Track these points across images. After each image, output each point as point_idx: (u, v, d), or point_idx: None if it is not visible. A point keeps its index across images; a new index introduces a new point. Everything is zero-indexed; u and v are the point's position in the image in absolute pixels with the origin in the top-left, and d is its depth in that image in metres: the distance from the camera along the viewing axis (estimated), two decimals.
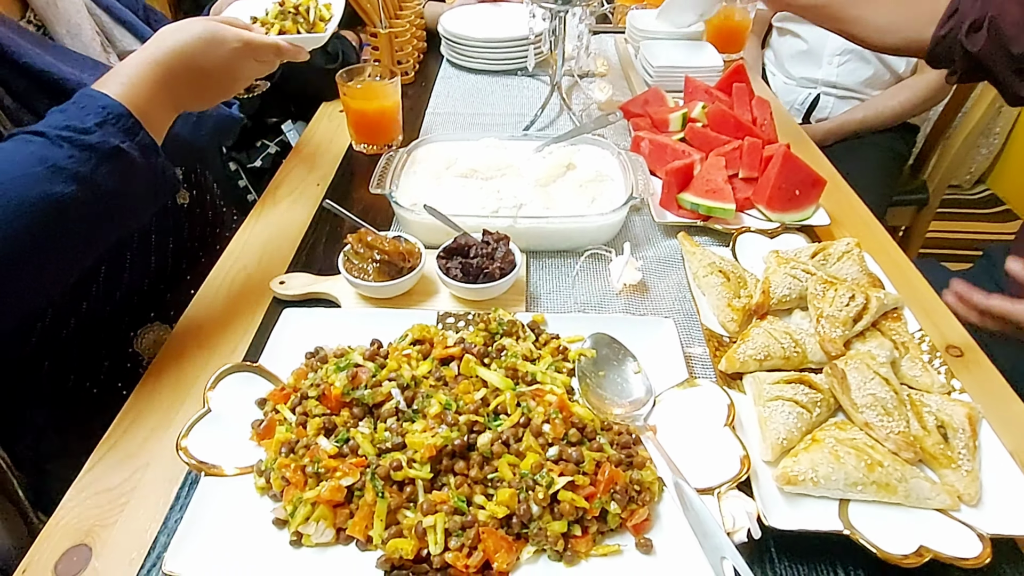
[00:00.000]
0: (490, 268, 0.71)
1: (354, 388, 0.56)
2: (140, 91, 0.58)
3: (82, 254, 0.59)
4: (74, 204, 0.53)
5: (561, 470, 0.50)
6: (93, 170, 0.54)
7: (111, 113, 0.56)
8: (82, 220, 0.55)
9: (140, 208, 0.62)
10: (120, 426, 0.61)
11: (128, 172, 0.57)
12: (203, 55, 0.62)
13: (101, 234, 0.59)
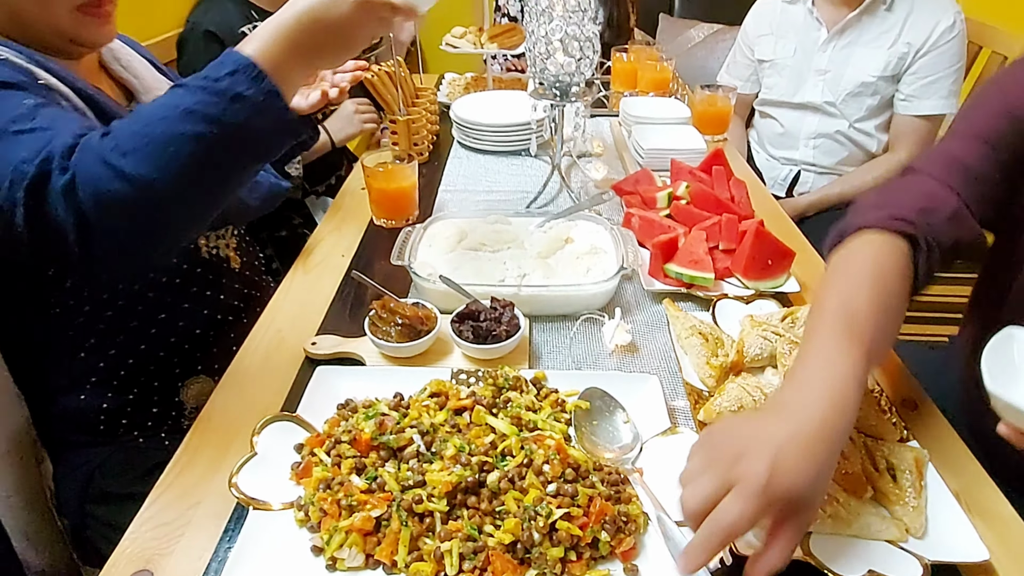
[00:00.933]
0: (497, 331, 0.81)
1: (381, 434, 0.65)
2: (268, 47, 0.65)
3: (220, 188, 0.68)
4: (206, 142, 0.62)
5: (559, 503, 0.58)
6: (221, 112, 0.62)
7: (240, 65, 0.64)
8: (215, 156, 0.63)
9: (264, 147, 0.69)
10: (174, 469, 0.69)
11: (253, 115, 0.64)
12: (326, 12, 0.68)
13: (234, 169, 0.68)
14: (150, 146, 0.60)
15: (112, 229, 0.61)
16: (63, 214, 0.59)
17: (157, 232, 0.65)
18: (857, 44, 1.59)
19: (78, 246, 0.60)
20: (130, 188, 0.59)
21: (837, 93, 1.62)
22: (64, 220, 0.59)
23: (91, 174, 0.59)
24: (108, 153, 0.60)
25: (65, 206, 0.59)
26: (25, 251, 0.63)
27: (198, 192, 0.65)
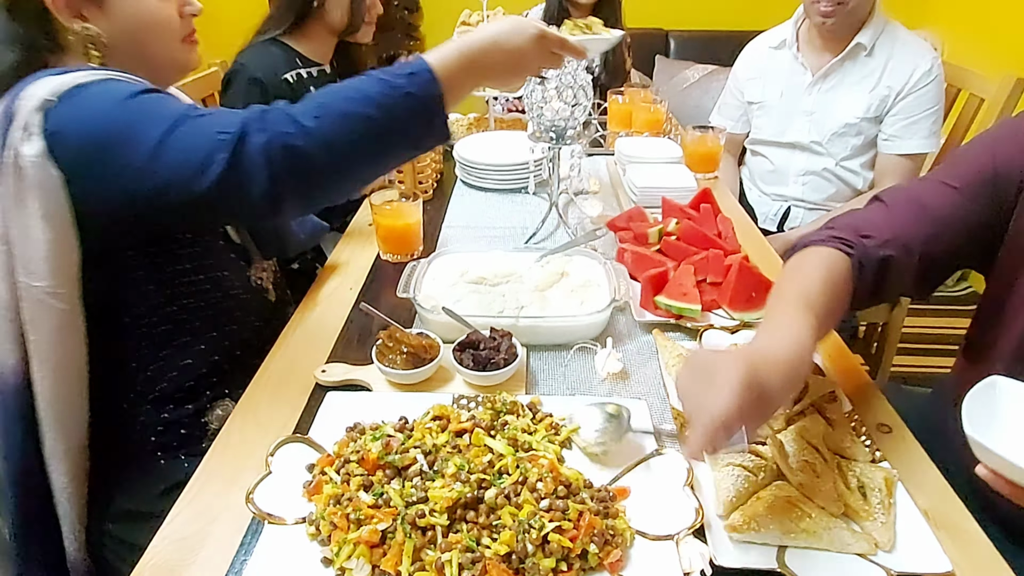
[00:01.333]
0: (496, 359, 0.86)
1: (387, 454, 0.70)
2: (447, 59, 0.78)
3: (372, 165, 0.81)
4: (375, 124, 0.75)
5: (551, 517, 0.63)
6: (392, 104, 0.75)
7: (419, 69, 0.76)
8: (377, 138, 0.76)
9: (415, 143, 0.82)
10: (194, 487, 0.74)
11: (416, 113, 0.76)
12: (507, 39, 0.81)
13: (387, 154, 0.81)
14: (332, 115, 0.74)
15: (291, 177, 0.74)
16: (259, 165, 0.72)
17: (320, 186, 0.78)
18: (840, 87, 1.67)
19: (262, 192, 0.73)
20: (312, 144, 0.73)
21: (823, 133, 1.70)
22: (258, 170, 0.73)
23: (283, 132, 0.73)
24: (299, 115, 0.74)
25: (262, 158, 0.72)
26: (204, 209, 0.77)
27: (356, 163, 0.79)
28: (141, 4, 0.86)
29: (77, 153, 0.74)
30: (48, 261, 0.77)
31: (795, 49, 1.73)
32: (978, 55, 2.88)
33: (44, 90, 0.75)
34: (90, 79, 0.77)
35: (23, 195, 0.75)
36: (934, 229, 0.82)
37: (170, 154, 0.73)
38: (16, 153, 0.74)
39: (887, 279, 0.81)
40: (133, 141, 0.74)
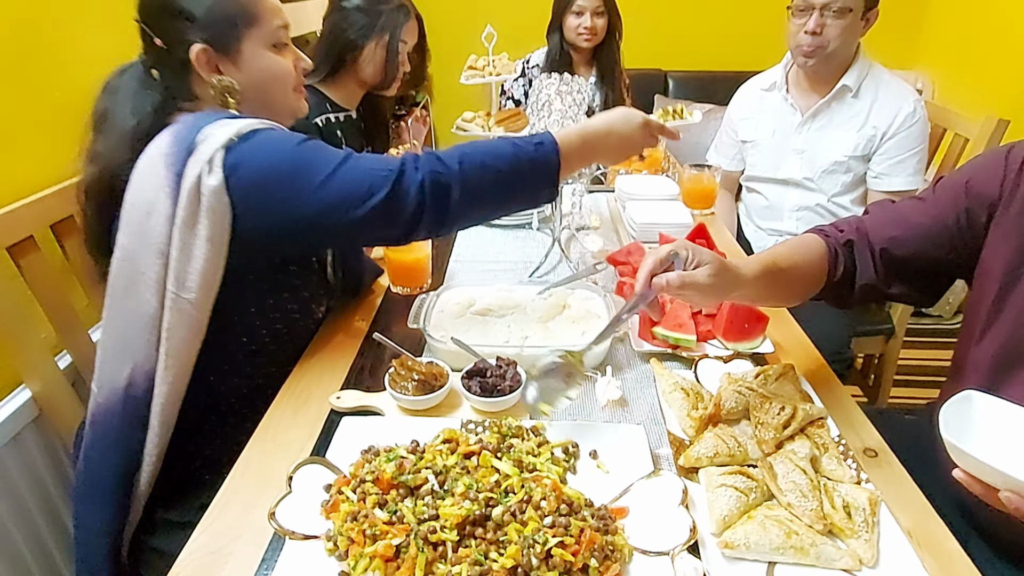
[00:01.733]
0: (502, 386, 0.92)
1: (400, 474, 0.74)
2: (569, 137, 0.98)
3: (496, 209, 1.02)
4: (503, 176, 0.94)
5: (554, 533, 0.67)
6: (520, 165, 0.94)
7: (546, 140, 0.97)
8: (503, 187, 0.95)
9: (531, 197, 1.01)
10: (218, 504, 0.79)
11: (536, 170, 0.96)
12: (620, 126, 1.03)
13: (507, 200, 0.99)
14: (473, 163, 0.93)
15: (434, 207, 0.92)
16: (413, 194, 0.90)
17: (450, 219, 0.95)
18: (829, 127, 1.75)
19: (408, 218, 0.91)
20: (455, 182, 0.92)
21: (814, 170, 1.77)
22: (412, 199, 0.90)
23: (436, 170, 0.91)
24: (447, 159, 0.93)
25: (417, 189, 0.90)
26: (356, 230, 0.93)
27: (482, 205, 0.98)
28: (267, 59, 1.02)
29: (250, 185, 0.89)
30: (202, 276, 0.90)
31: (784, 91, 1.82)
32: (965, 95, 2.98)
33: (227, 132, 0.89)
34: (260, 126, 0.93)
35: (195, 218, 0.88)
36: (899, 232, 0.95)
37: (338, 185, 0.89)
38: (197, 182, 0.87)
39: (852, 263, 0.96)
40: (305, 175, 0.89)
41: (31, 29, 1.22)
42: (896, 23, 3.20)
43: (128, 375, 0.93)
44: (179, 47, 0.95)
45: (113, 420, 0.93)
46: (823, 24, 1.61)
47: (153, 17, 0.97)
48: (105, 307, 0.94)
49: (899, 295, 1.01)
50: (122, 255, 0.91)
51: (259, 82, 1.01)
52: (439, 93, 3.78)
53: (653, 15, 3.31)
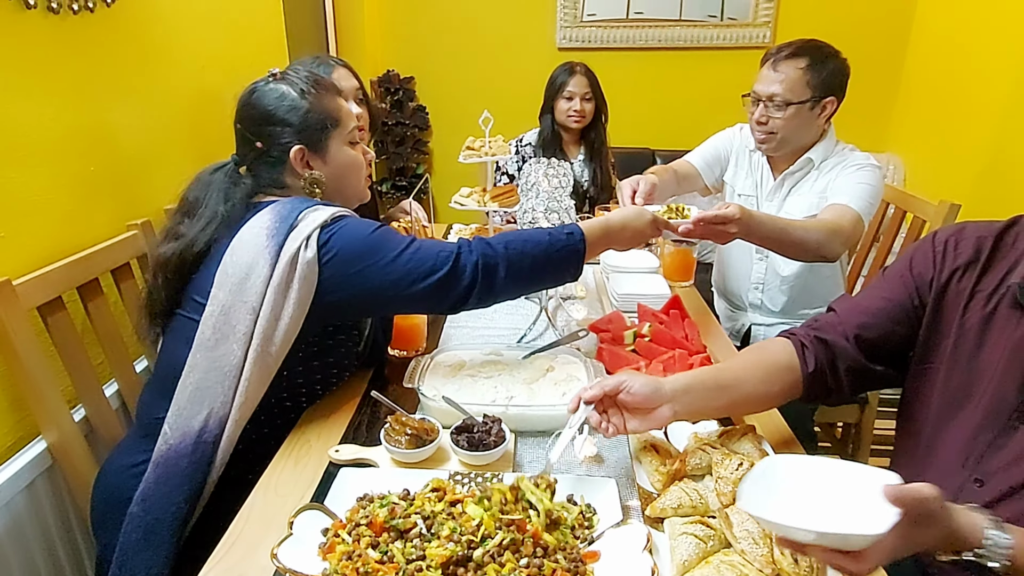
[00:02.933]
0: (487, 441, 1.00)
1: (391, 518, 0.82)
2: (592, 229, 1.20)
3: (531, 285, 1.19)
4: (539, 259, 1.14)
5: (528, 573, 0.75)
6: (553, 250, 1.15)
7: (575, 231, 1.18)
8: (539, 268, 1.15)
9: (559, 277, 1.21)
10: (223, 547, 0.86)
11: (566, 256, 1.16)
12: (632, 222, 1.26)
13: (540, 280, 1.20)
14: (516, 247, 1.13)
15: (483, 283, 1.10)
16: (468, 272, 1.09)
17: (493, 294, 1.13)
18: (795, 194, 1.82)
19: (460, 293, 1.10)
20: (502, 263, 1.11)
21: None
22: (467, 276, 1.09)
23: (487, 252, 1.11)
24: (495, 244, 1.12)
25: (472, 267, 1.09)
26: (415, 301, 1.11)
27: (521, 282, 1.15)
28: (347, 154, 1.23)
29: (336, 260, 1.06)
30: (285, 333, 1.06)
31: (764, 157, 1.90)
32: (932, 177, 3.18)
33: (323, 216, 1.08)
34: (346, 213, 1.13)
35: (289, 284, 1.04)
36: (866, 318, 1.04)
37: (405, 262, 1.07)
38: (296, 253, 1.04)
39: (829, 354, 1.03)
40: (379, 253, 1.07)
41: (63, 112, 1.36)
42: (869, 109, 3.45)
43: (203, 419, 1.04)
44: (277, 148, 1.15)
45: (182, 462, 1.03)
46: (768, 115, 1.70)
47: (255, 124, 1.16)
48: (190, 356, 1.05)
49: (884, 375, 1.05)
50: (218, 310, 1.05)
51: (340, 174, 1.21)
52: (439, 170, 4.01)
53: (642, 99, 3.56)
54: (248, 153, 1.17)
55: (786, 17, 3.41)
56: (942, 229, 1.04)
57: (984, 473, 0.90)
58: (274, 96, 1.15)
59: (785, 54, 1.69)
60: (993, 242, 0.97)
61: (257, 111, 1.16)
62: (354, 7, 3.33)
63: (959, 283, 0.98)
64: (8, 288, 1.14)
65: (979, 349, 0.94)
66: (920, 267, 1.03)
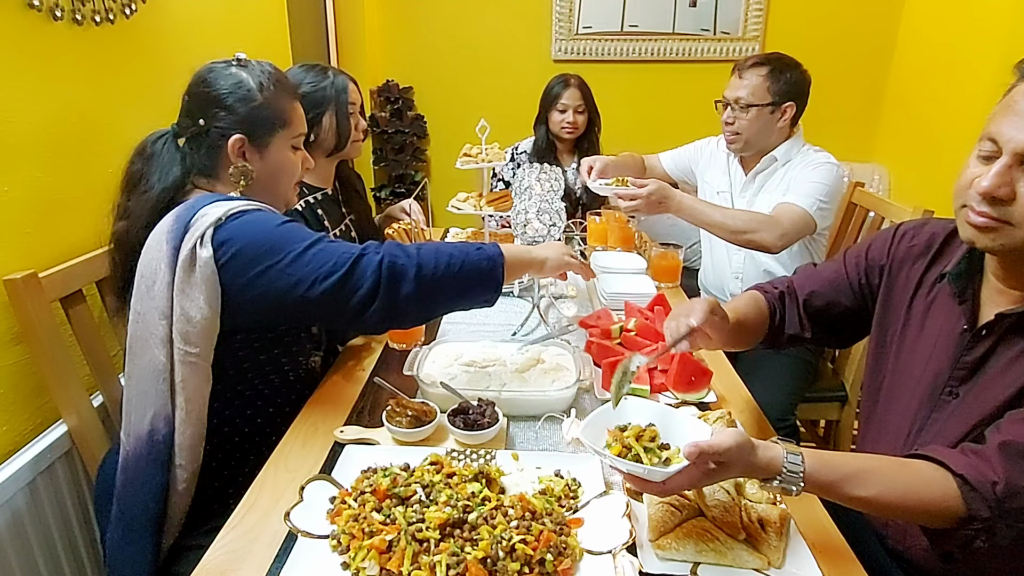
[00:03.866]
0: (482, 422, 1.08)
1: (394, 487, 0.90)
2: (511, 256, 1.17)
3: (445, 299, 1.13)
4: (454, 266, 1.09)
5: (518, 532, 0.83)
6: (468, 260, 1.11)
7: (494, 252, 1.14)
8: (455, 283, 1.10)
9: (474, 292, 1.14)
10: (239, 512, 0.94)
11: (483, 271, 1.12)
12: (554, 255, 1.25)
13: (458, 295, 1.13)
14: (429, 251, 1.09)
15: (387, 289, 1.04)
16: (370, 273, 1.04)
17: (402, 305, 1.06)
18: (762, 191, 1.96)
19: (366, 295, 1.04)
20: (411, 267, 1.06)
21: None
22: (367, 277, 1.04)
23: (394, 253, 1.07)
24: (408, 247, 1.09)
25: (373, 268, 1.04)
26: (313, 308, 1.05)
27: (434, 292, 1.09)
28: (285, 154, 1.22)
29: (233, 258, 1.03)
30: (202, 333, 1.05)
31: (736, 158, 2.07)
32: (915, 185, 3.28)
33: (218, 211, 1.05)
34: (249, 207, 1.09)
35: (191, 285, 1.03)
36: (817, 286, 1.19)
37: (308, 261, 1.03)
38: (192, 254, 1.02)
39: (784, 311, 1.20)
40: (280, 252, 1.03)
41: (85, 116, 1.45)
42: (855, 120, 3.55)
43: (150, 421, 1.05)
44: (217, 131, 1.14)
45: (140, 463, 1.06)
46: (735, 117, 1.89)
47: (204, 102, 1.15)
48: (125, 364, 1.09)
49: (816, 339, 1.21)
50: (135, 318, 1.07)
51: (273, 173, 1.20)
52: (436, 177, 4.09)
53: (634, 109, 3.65)
54: (190, 127, 1.16)
55: (774, 31, 3.52)
56: (907, 222, 1.14)
57: (922, 443, 0.99)
58: (231, 81, 1.15)
59: (750, 63, 1.89)
60: (944, 237, 1.07)
61: (210, 91, 1.15)
62: (355, 19, 3.43)
63: (909, 272, 1.08)
64: (34, 281, 1.21)
65: (921, 332, 1.04)
66: (876, 252, 1.14)
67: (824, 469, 0.85)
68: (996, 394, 0.92)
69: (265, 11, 2.34)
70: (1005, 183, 0.83)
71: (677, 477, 0.83)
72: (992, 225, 0.86)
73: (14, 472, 1.19)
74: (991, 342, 0.94)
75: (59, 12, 1.30)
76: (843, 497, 0.86)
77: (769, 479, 0.84)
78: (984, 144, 0.88)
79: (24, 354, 1.25)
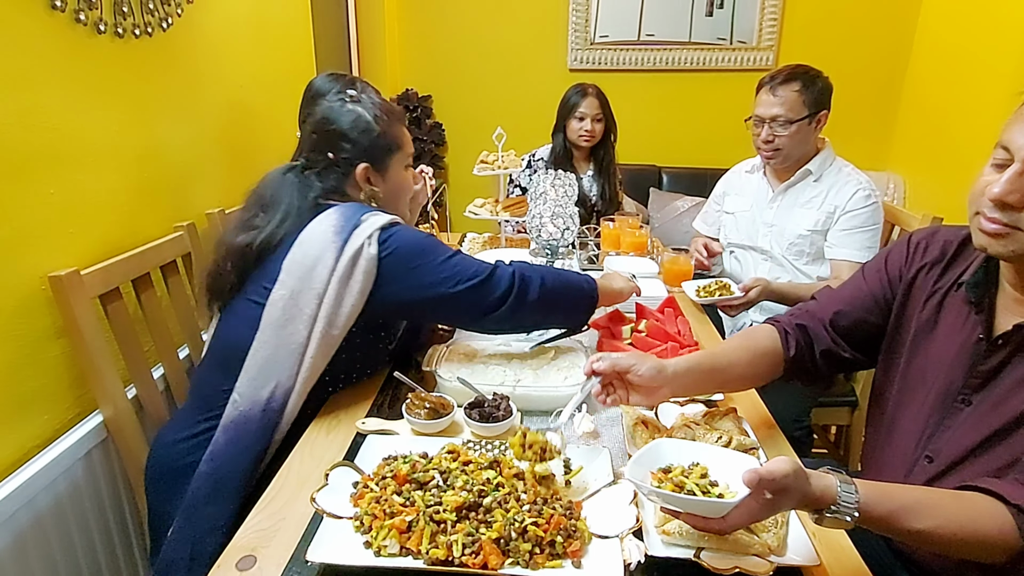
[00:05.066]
0: (496, 415, 1.13)
1: (413, 472, 0.96)
2: (603, 286, 1.44)
3: (557, 312, 1.36)
4: (568, 288, 1.36)
5: (530, 515, 0.88)
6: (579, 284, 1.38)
7: (592, 282, 1.41)
8: (567, 298, 1.35)
9: (573, 313, 1.39)
10: (269, 495, 1.00)
11: (585, 296, 1.37)
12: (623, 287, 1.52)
13: (563, 311, 1.38)
14: (551, 272, 1.33)
15: (519, 293, 1.26)
16: (505, 280, 1.26)
17: (529, 308, 1.28)
18: (795, 205, 2.00)
19: (500, 297, 1.25)
20: (536, 279, 1.28)
21: (782, 244, 2.02)
22: (503, 283, 1.25)
23: (524, 268, 1.29)
24: (535, 266, 1.31)
25: (508, 277, 1.26)
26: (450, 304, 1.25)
27: (549, 306, 1.32)
28: (404, 176, 1.41)
29: (394, 258, 1.22)
30: (347, 318, 1.21)
31: (762, 172, 2.10)
32: (931, 194, 3.29)
33: (383, 219, 1.24)
34: (398, 220, 1.28)
35: (351, 275, 1.20)
36: (841, 306, 1.17)
37: (454, 265, 1.24)
38: (359, 248, 1.20)
39: (807, 339, 1.17)
40: (432, 254, 1.24)
41: (124, 124, 1.53)
42: (870, 129, 3.58)
43: (271, 391, 1.18)
44: (345, 162, 1.31)
45: (250, 427, 1.17)
46: (774, 134, 1.92)
47: (331, 138, 1.30)
48: (259, 333, 1.20)
49: (854, 359, 1.19)
50: (287, 294, 1.19)
51: (395, 192, 1.39)
52: (454, 183, 4.17)
53: (650, 118, 3.71)
54: (319, 160, 1.31)
55: (788, 41, 3.55)
56: (917, 231, 1.16)
57: (933, 451, 1.02)
58: (351, 117, 1.30)
59: (780, 80, 1.92)
60: (958, 245, 1.09)
61: (334, 127, 1.30)
62: (376, 29, 3.52)
63: (924, 280, 1.10)
64: (77, 278, 1.29)
65: (934, 339, 1.06)
66: (894, 264, 1.15)
67: (879, 500, 0.82)
68: (1014, 405, 0.92)
69: (291, 24, 2.43)
70: (1016, 190, 0.86)
71: (737, 510, 0.79)
72: (1004, 232, 0.88)
73: (55, 457, 1.27)
74: (1007, 352, 0.95)
75: (103, 26, 1.39)
76: (898, 531, 0.83)
77: (821, 510, 0.81)
78: (998, 152, 0.90)
79: (66, 347, 1.33)
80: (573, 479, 1.02)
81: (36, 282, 1.26)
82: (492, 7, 3.63)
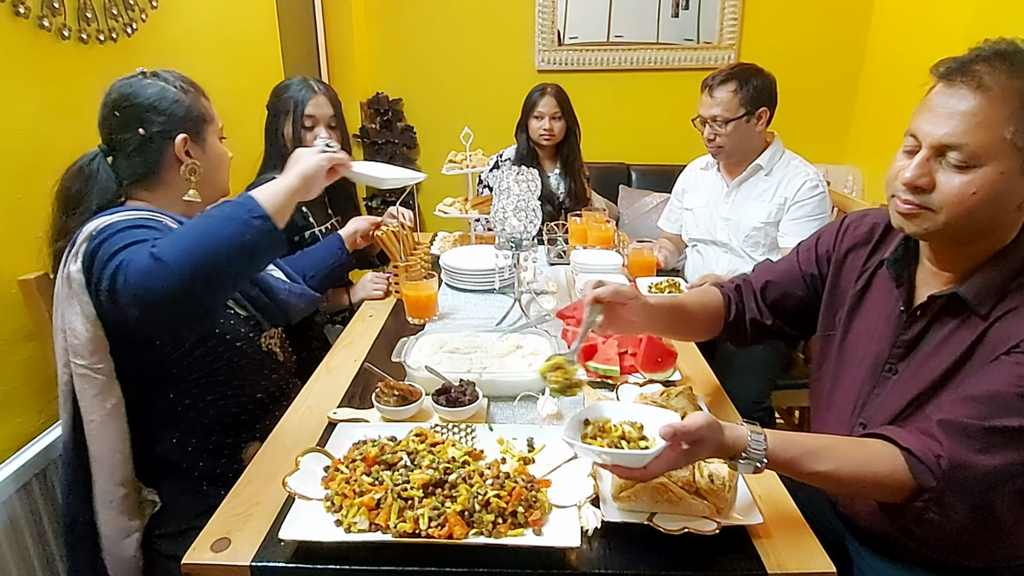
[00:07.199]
0: (463, 400, 1.18)
1: (382, 454, 1.00)
2: (275, 199, 1.03)
3: (220, 282, 1.01)
4: (221, 248, 0.97)
5: (492, 488, 0.93)
6: (236, 233, 0.98)
7: (254, 206, 1.00)
8: (223, 258, 0.97)
9: (255, 259, 1.05)
10: (243, 482, 1.04)
11: (254, 237, 0.99)
12: (310, 170, 1.11)
13: (231, 271, 1.01)
14: (182, 243, 0.97)
15: (148, 297, 0.95)
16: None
17: (172, 301, 0.96)
18: (748, 199, 2.08)
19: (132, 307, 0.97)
20: (163, 269, 0.94)
21: (738, 236, 2.10)
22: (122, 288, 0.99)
23: (137, 258, 0.97)
24: (151, 248, 0.96)
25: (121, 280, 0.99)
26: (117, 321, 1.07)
27: (205, 278, 0.97)
28: (219, 146, 1.30)
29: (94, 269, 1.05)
30: (88, 346, 1.11)
31: (716, 168, 2.18)
32: None
33: (92, 226, 1.09)
34: (124, 218, 1.10)
35: (71, 299, 1.10)
36: (772, 276, 1.27)
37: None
38: (67, 270, 1.10)
39: (742, 301, 1.27)
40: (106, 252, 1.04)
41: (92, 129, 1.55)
42: (828, 124, 3.69)
43: (68, 430, 1.16)
44: (159, 136, 1.20)
45: (66, 469, 1.19)
46: (715, 133, 2.01)
47: (140, 112, 1.19)
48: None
49: (777, 329, 1.28)
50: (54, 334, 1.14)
51: (214, 164, 1.29)
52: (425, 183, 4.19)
53: (618, 117, 3.78)
54: (128, 139, 1.19)
55: (749, 40, 3.66)
56: (851, 213, 1.24)
57: (866, 417, 1.09)
58: (155, 90, 1.20)
59: (717, 81, 2.01)
60: (885, 226, 1.17)
61: (139, 102, 1.19)
62: (345, 34, 3.55)
63: (853, 258, 1.17)
64: (46, 281, 1.31)
65: (864, 314, 1.14)
66: (824, 243, 1.23)
67: (784, 447, 0.92)
68: (931, 370, 1.01)
69: (257, 27, 2.45)
70: (925, 173, 0.94)
71: (656, 460, 0.88)
72: (916, 212, 0.96)
73: (28, 460, 1.29)
74: (925, 322, 1.03)
75: (67, 32, 1.41)
76: (802, 473, 0.93)
77: (735, 457, 0.91)
78: (908, 140, 0.99)
79: (35, 351, 1.34)
80: (537, 456, 1.07)
81: (5, 286, 1.28)
82: (460, 10, 3.68)
